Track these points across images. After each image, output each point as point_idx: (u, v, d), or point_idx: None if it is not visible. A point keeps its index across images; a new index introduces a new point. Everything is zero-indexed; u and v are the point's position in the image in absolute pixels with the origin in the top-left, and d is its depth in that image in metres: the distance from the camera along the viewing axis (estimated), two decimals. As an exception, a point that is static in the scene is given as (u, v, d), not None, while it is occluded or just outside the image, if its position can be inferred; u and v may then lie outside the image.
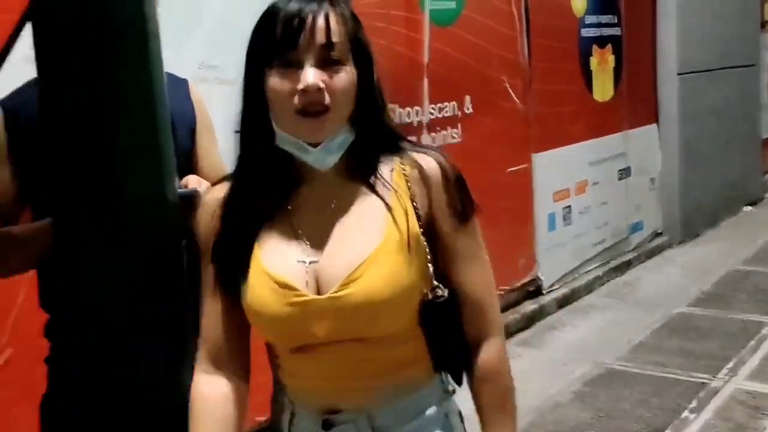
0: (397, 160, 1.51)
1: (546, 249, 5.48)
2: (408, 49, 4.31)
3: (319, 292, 1.43)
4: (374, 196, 1.48)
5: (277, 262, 1.45)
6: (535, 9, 5.30)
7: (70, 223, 1.51)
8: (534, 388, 4.02)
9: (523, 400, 1.65)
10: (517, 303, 5.25)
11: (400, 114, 4.22)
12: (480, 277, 1.54)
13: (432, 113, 4.51)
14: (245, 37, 1.39)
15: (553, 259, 5.54)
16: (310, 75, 1.38)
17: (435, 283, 1.48)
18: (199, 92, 2.07)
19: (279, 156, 1.47)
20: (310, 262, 1.45)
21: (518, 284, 5.24)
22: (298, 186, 1.50)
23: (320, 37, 1.39)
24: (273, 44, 1.40)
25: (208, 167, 1.99)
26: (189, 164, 1.95)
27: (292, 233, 1.48)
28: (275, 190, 1.49)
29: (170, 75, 1.74)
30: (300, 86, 1.38)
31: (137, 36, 1.46)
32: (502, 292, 4.80)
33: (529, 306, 5.29)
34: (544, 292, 5.46)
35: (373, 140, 1.50)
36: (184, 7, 2.94)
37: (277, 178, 1.48)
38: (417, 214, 1.47)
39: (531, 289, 5.42)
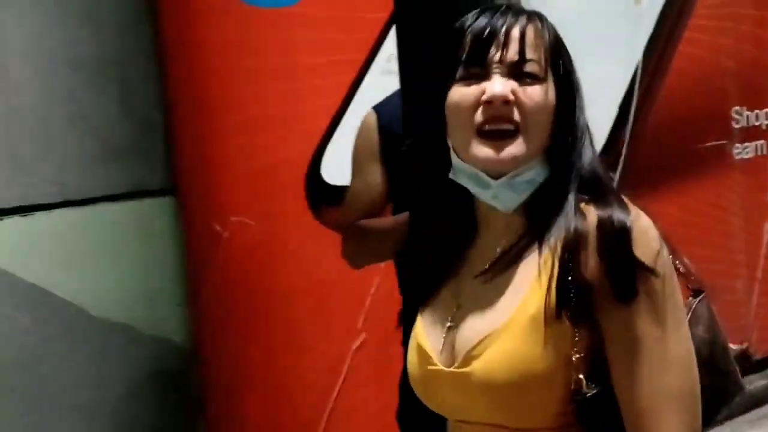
0: (569, 215, 1.19)
1: None
2: (757, 49, 4.08)
3: (453, 362, 1.23)
4: (535, 255, 1.20)
5: (427, 319, 1.30)
6: None
7: (424, 218, 1.62)
8: None
9: None
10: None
11: (747, 117, 4.01)
12: (646, 380, 1.13)
13: (782, 116, 4.24)
14: (583, 42, 1.30)
15: None
16: (498, 84, 1.17)
17: (579, 375, 1.14)
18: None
19: (459, 193, 1.25)
20: (449, 327, 1.26)
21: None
22: (476, 229, 1.28)
23: (513, 52, 1.19)
24: (458, 58, 1.20)
25: None
26: None
27: (453, 285, 1.29)
28: (452, 234, 1.29)
29: None
30: (484, 97, 1.16)
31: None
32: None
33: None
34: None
35: (565, 185, 1.21)
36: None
37: (453, 221, 1.28)
38: (565, 283, 1.15)
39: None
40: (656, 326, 1.14)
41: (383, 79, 2.25)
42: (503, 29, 1.20)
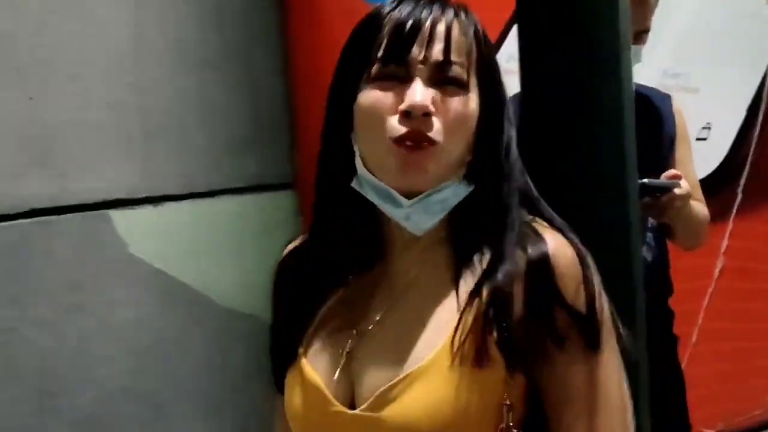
0: (515, 232, 1.05)
1: None
2: None
3: (353, 402, 1.06)
4: (462, 284, 1.05)
5: (318, 353, 1.10)
6: None
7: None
8: None
9: None
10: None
11: None
12: (589, 424, 1.02)
13: None
14: (713, 44, 1.25)
15: None
16: (418, 92, 1.01)
17: (509, 423, 1.01)
18: (678, 104, 2.20)
19: (363, 206, 1.09)
20: (348, 354, 1.07)
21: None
22: (382, 248, 1.11)
23: (437, 51, 1.03)
24: (372, 54, 1.04)
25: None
26: (664, 171, 2.07)
27: (349, 313, 1.11)
28: (351, 254, 1.12)
29: (652, 89, 1.90)
30: (403, 106, 1.01)
31: (612, 48, 1.54)
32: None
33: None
34: None
35: (491, 203, 1.07)
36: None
37: (355, 238, 1.11)
38: (505, 320, 1.00)
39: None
40: (604, 373, 1.03)
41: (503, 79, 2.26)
42: (428, 23, 1.04)
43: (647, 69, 2.88)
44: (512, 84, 1.94)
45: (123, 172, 2.32)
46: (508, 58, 2.57)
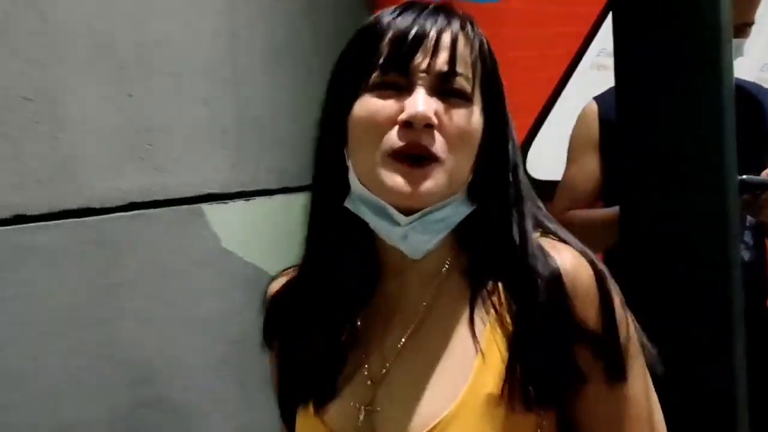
0: (537, 258, 0.96)
1: None
2: None
3: None
4: (481, 312, 0.97)
5: (332, 405, 1.01)
6: None
7: (635, 213, 1.61)
8: None
9: None
10: None
11: None
12: None
13: None
14: None
15: None
16: (421, 101, 0.93)
17: None
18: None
19: (360, 229, 0.99)
20: (367, 409, 0.98)
21: None
22: (380, 277, 1.02)
23: (442, 61, 0.95)
24: (372, 62, 0.96)
25: None
26: (764, 168, 2.01)
27: (358, 356, 1.02)
28: (349, 286, 1.02)
29: (752, 83, 1.86)
30: (404, 116, 0.92)
31: (712, 40, 1.52)
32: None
33: None
34: None
35: (497, 222, 0.98)
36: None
37: (352, 267, 1.01)
38: (534, 356, 0.93)
39: None
40: (636, 399, 0.97)
41: (592, 74, 2.24)
42: (433, 32, 0.96)
43: (746, 62, 2.81)
44: (604, 79, 1.92)
45: (217, 167, 2.36)
46: (599, 52, 2.57)
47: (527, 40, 2.29)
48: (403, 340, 0.99)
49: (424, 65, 0.95)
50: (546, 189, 2.15)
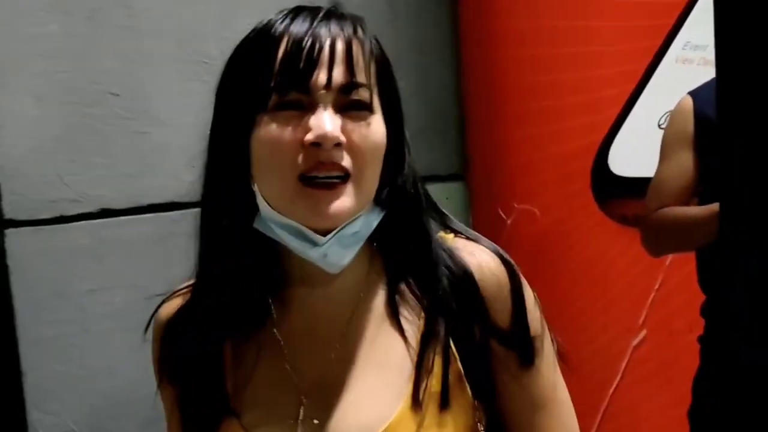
0: (439, 256, 0.99)
1: None
2: None
3: None
4: (401, 320, 0.98)
5: (264, 423, 0.98)
6: None
7: (737, 210, 1.57)
8: None
9: None
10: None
11: None
12: (565, 424, 1.04)
13: None
14: None
15: None
16: (327, 121, 0.91)
17: None
18: None
19: (258, 243, 0.98)
20: (305, 425, 0.96)
21: None
22: (285, 287, 1.01)
23: (339, 73, 0.92)
24: (266, 78, 0.92)
25: None
26: None
27: (281, 369, 0.99)
28: (253, 299, 0.99)
29: None
30: (311, 137, 0.90)
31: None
32: None
33: None
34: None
35: (404, 225, 0.99)
36: None
37: (255, 280, 0.99)
38: (459, 346, 0.97)
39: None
40: (548, 375, 1.02)
41: (677, 67, 2.18)
42: (328, 41, 0.93)
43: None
44: (689, 73, 1.87)
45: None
46: (684, 45, 2.54)
47: (612, 32, 2.25)
48: (333, 350, 0.98)
49: (323, 80, 0.92)
50: (628, 186, 2.12)
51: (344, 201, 0.92)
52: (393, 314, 0.99)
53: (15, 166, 2.01)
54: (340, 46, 0.93)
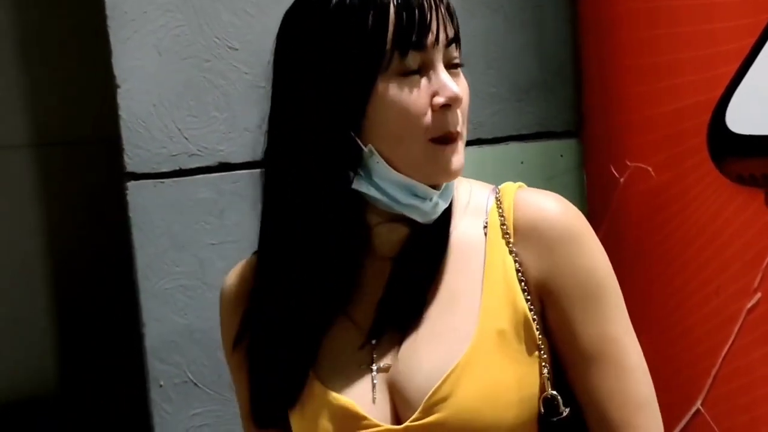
0: (491, 199, 1.07)
1: None
2: None
3: (397, 416, 0.99)
4: (461, 261, 1.03)
5: (336, 375, 1.02)
6: None
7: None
8: None
9: None
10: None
11: None
12: (615, 385, 1.00)
13: None
14: None
15: None
16: (451, 82, 0.99)
17: (550, 393, 0.99)
18: None
19: (347, 208, 1.02)
20: (379, 370, 1.00)
21: None
22: (363, 248, 1.05)
23: (447, 33, 0.99)
24: (383, 40, 0.95)
25: None
26: None
27: (352, 325, 1.04)
28: (332, 259, 1.03)
29: None
30: (443, 99, 0.98)
31: None
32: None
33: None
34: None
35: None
36: None
37: (340, 239, 1.02)
38: (524, 286, 1.01)
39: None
40: (611, 326, 1.01)
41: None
42: (433, 0, 0.98)
43: None
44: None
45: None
46: None
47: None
48: None
49: (440, 38, 0.98)
50: (746, 144, 2.06)
51: (460, 157, 1.01)
52: (454, 257, 1.04)
53: (136, 120, 2.08)
54: (439, 3, 0.99)
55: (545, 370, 1.00)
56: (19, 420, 2.76)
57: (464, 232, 1.05)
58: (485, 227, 1.04)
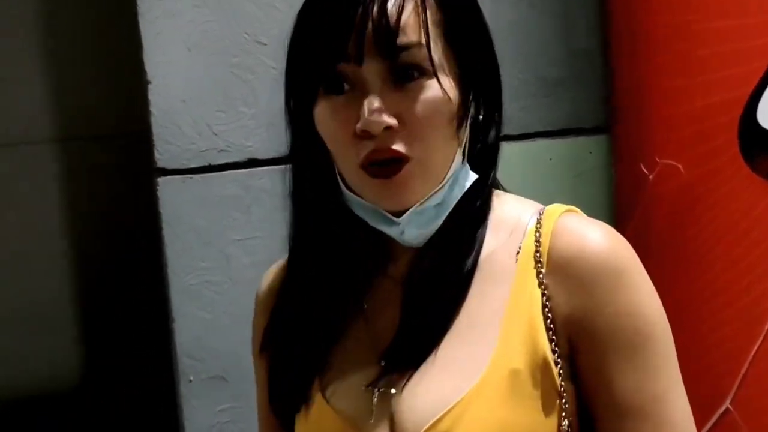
0: (530, 224, 0.94)
1: None
2: None
3: None
4: (488, 285, 0.93)
5: (340, 388, 0.97)
6: None
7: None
8: None
9: None
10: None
11: None
12: None
13: None
14: None
15: None
16: (372, 107, 0.85)
17: None
18: None
19: (350, 217, 0.97)
20: (381, 391, 0.93)
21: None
22: (383, 262, 1.00)
23: (380, 36, 0.84)
24: (312, 51, 0.88)
25: None
26: None
27: (364, 338, 0.99)
28: (348, 270, 1.00)
29: None
30: (359, 126, 0.87)
31: None
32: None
33: None
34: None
35: (485, 190, 0.96)
36: None
37: (350, 252, 0.99)
38: (549, 324, 0.89)
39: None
40: (656, 381, 0.88)
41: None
42: (372, 3, 0.83)
43: None
44: None
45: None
46: None
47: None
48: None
49: (365, 52, 0.85)
50: (779, 141, 2.03)
51: (408, 185, 0.90)
52: (479, 280, 0.95)
53: (166, 115, 2.09)
54: (390, 4, 0.86)
55: (565, 423, 0.89)
56: (44, 414, 2.78)
57: (497, 254, 0.95)
58: (518, 252, 0.94)
